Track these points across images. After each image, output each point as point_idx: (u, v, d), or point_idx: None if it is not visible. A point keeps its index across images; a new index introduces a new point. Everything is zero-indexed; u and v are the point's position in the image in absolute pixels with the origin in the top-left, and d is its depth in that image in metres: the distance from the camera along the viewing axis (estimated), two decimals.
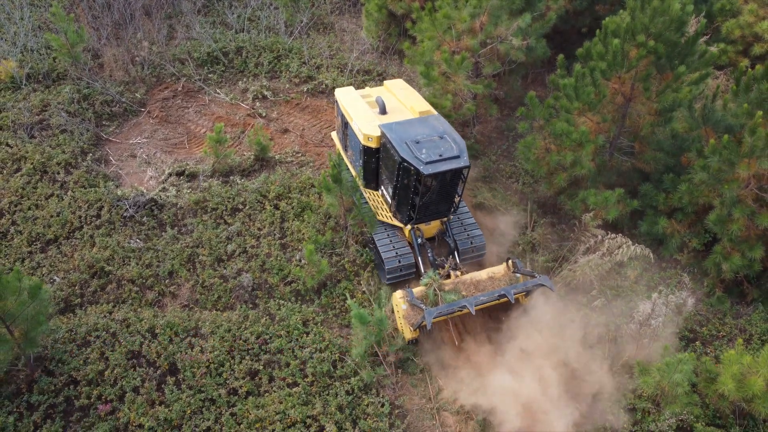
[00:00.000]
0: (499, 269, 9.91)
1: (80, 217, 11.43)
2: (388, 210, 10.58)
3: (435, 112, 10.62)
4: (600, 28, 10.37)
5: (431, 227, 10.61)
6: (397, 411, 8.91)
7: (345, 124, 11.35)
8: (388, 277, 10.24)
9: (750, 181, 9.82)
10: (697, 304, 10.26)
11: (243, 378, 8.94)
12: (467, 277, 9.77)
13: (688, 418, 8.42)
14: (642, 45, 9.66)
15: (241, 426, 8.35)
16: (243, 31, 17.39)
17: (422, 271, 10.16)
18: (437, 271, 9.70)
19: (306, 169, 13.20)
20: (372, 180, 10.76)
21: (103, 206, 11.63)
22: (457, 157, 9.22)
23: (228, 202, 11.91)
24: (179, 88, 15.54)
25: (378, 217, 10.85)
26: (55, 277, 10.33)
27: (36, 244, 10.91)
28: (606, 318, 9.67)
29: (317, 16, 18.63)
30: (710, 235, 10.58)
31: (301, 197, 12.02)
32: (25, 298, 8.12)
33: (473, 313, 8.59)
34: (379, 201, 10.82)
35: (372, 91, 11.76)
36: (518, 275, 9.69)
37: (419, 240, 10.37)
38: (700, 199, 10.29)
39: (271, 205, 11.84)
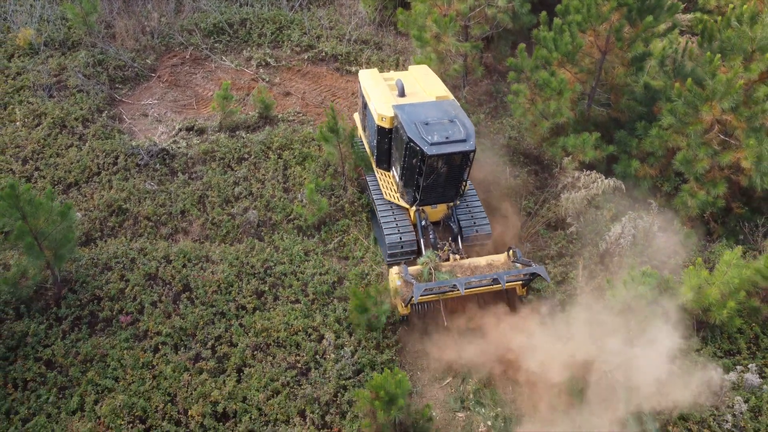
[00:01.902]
0: (500, 258, 9.93)
1: (98, 164, 12.35)
2: (396, 190, 10.80)
3: (452, 98, 10.71)
4: None
5: (437, 211, 10.68)
6: (390, 327, 9.82)
7: (364, 105, 11.61)
8: (389, 253, 10.33)
9: (714, 125, 10.74)
10: (667, 242, 11.16)
11: (250, 296, 9.87)
12: (466, 261, 9.85)
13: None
14: None
15: (249, 334, 9.28)
16: (247, 5, 18.31)
17: (423, 252, 10.18)
18: (436, 253, 9.86)
19: (307, 126, 14.11)
20: (384, 161, 10.99)
21: (119, 155, 12.56)
22: (464, 140, 9.30)
23: (235, 152, 12.83)
24: (187, 56, 16.45)
25: (386, 197, 10.96)
26: (77, 214, 11.24)
27: (58, 187, 11.84)
28: (581, 246, 10.59)
29: None
30: (680, 178, 11.51)
31: (302, 148, 12.94)
32: (56, 218, 9.05)
33: (462, 292, 8.70)
34: (390, 181, 11.07)
35: (395, 75, 11.87)
36: (518, 265, 9.65)
37: (423, 222, 10.50)
38: (669, 143, 11.21)
39: (274, 155, 12.76)
